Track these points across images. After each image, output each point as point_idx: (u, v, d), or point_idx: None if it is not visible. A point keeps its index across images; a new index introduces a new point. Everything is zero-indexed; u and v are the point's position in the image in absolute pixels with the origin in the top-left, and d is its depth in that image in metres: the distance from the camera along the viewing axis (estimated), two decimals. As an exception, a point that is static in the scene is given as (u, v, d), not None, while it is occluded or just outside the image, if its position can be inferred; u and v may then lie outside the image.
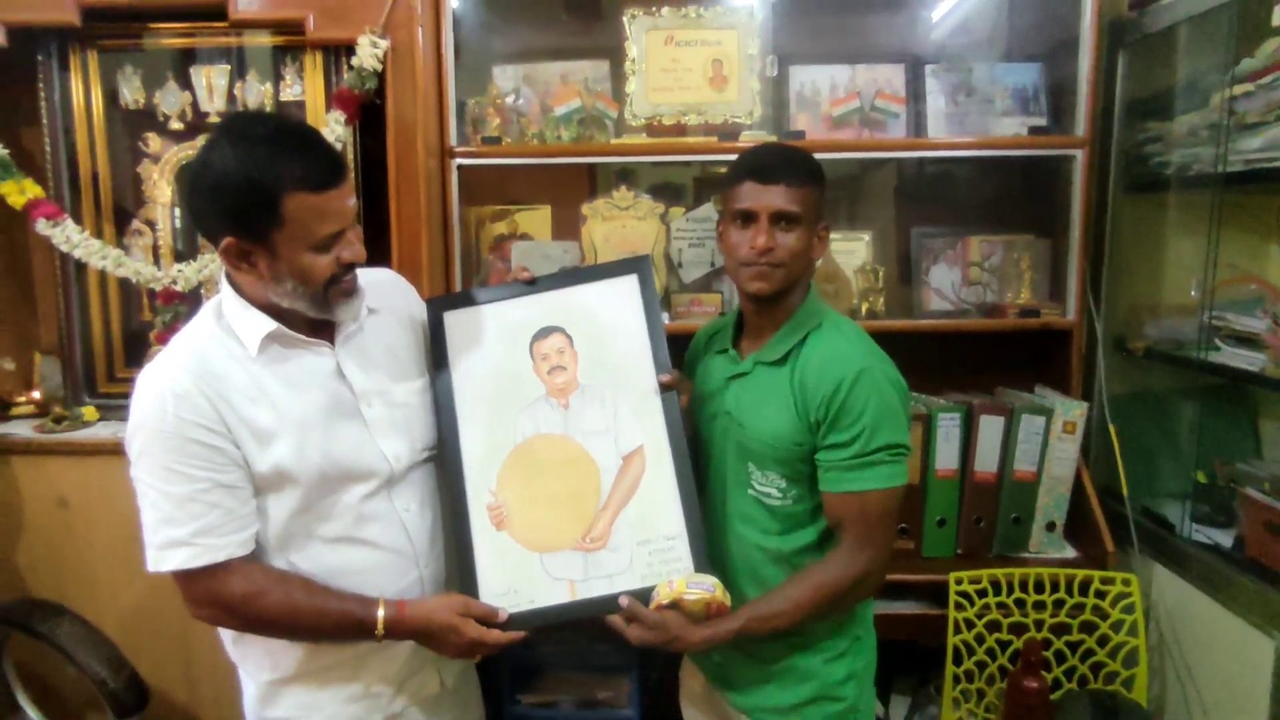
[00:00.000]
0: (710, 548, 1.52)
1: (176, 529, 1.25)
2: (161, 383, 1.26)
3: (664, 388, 1.44)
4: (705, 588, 1.34)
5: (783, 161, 1.42)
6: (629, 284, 1.50)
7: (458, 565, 1.43)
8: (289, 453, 1.30)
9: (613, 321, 1.49)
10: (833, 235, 2.00)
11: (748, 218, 1.41)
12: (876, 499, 1.35)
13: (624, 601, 1.35)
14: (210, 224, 1.26)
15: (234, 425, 1.28)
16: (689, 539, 1.41)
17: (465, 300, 1.53)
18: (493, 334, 1.50)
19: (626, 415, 1.45)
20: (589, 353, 1.48)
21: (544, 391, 1.47)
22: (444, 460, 1.47)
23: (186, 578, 1.28)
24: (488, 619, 1.36)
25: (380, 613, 1.31)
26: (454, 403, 1.47)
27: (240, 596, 1.28)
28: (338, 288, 1.30)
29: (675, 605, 1.34)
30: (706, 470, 1.54)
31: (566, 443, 1.45)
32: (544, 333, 1.49)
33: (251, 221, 1.21)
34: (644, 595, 1.38)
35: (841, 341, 1.42)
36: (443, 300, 1.55)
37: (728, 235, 1.46)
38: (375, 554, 1.38)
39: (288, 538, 1.34)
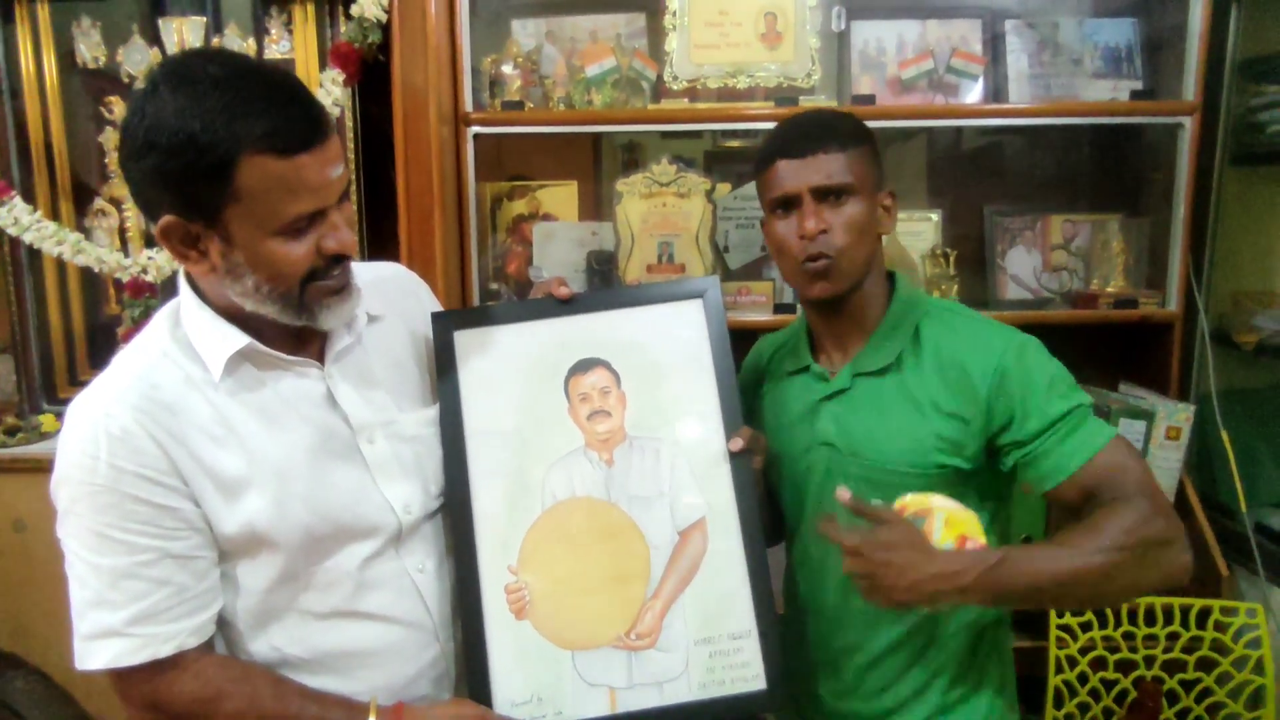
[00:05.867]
0: (803, 630, 1.26)
1: (109, 614, 0.95)
2: (93, 419, 0.95)
3: (735, 452, 1.17)
4: (962, 508, 1.02)
5: (814, 128, 1.17)
6: (692, 311, 1.21)
7: (465, 661, 1.13)
8: (265, 508, 1.00)
9: (670, 357, 1.20)
10: (898, 216, 1.70)
11: (788, 203, 1.16)
12: (1123, 449, 1.08)
13: (843, 494, 1.01)
14: (146, 196, 0.95)
15: (191, 475, 0.98)
16: (760, 639, 1.13)
17: (483, 318, 1.22)
18: (518, 363, 1.20)
19: (685, 478, 1.17)
20: (640, 395, 1.19)
21: (582, 442, 1.18)
22: (452, 526, 1.16)
23: (121, 676, 0.98)
24: None
25: None
26: (465, 451, 1.16)
27: (189, 701, 0.98)
28: (319, 286, 0.99)
29: (917, 523, 1.01)
30: (798, 521, 1.26)
31: (609, 510, 1.16)
32: (584, 366, 1.19)
33: (195, 193, 0.91)
34: (703, 705, 1.12)
35: (972, 322, 1.18)
36: (453, 316, 1.23)
37: (772, 232, 1.19)
38: (384, 629, 1.09)
39: (268, 615, 1.04)
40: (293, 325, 1.02)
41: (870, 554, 0.97)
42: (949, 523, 0.99)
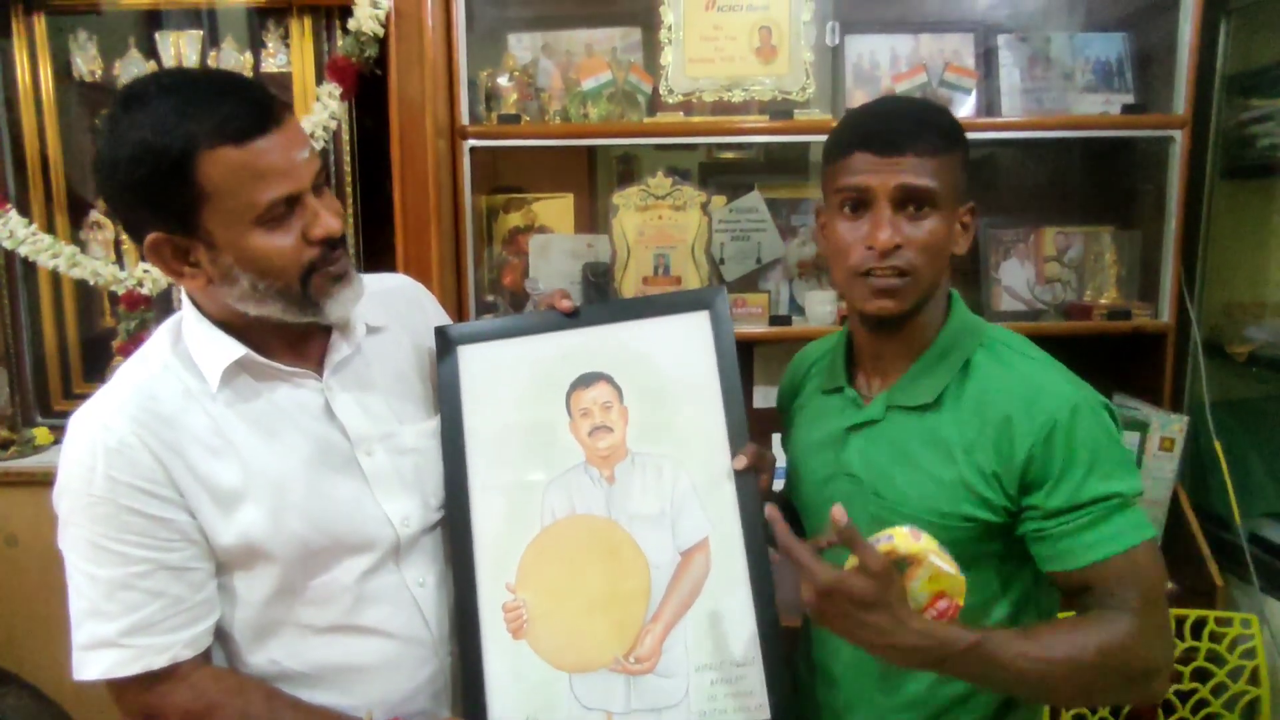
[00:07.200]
0: (808, 673, 1.21)
1: (104, 624, 0.96)
2: (91, 432, 0.97)
3: (739, 470, 1.12)
4: (954, 570, 0.92)
5: (910, 120, 1.02)
6: (698, 322, 1.17)
7: (461, 679, 1.11)
8: (261, 520, 1.00)
9: (675, 371, 1.16)
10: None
11: (860, 202, 1.02)
12: (1147, 557, 0.96)
13: (839, 514, 0.88)
14: (127, 217, 0.97)
15: (188, 487, 0.98)
16: (765, 668, 1.08)
17: (486, 331, 1.20)
18: (520, 377, 1.17)
19: (688, 496, 1.13)
20: (642, 411, 1.15)
21: (582, 458, 1.15)
22: (451, 541, 1.14)
23: (116, 687, 0.98)
24: None
25: None
26: (465, 465, 1.15)
27: (182, 713, 0.98)
28: (320, 275, 0.99)
29: (900, 567, 0.92)
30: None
31: (609, 528, 1.13)
32: (586, 380, 1.17)
33: (167, 200, 0.92)
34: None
35: (1030, 367, 1.03)
36: (456, 329, 1.21)
37: (832, 230, 1.06)
38: (383, 644, 1.08)
39: (266, 628, 1.04)
40: (297, 327, 1.03)
41: (837, 598, 0.87)
42: (933, 578, 0.92)
